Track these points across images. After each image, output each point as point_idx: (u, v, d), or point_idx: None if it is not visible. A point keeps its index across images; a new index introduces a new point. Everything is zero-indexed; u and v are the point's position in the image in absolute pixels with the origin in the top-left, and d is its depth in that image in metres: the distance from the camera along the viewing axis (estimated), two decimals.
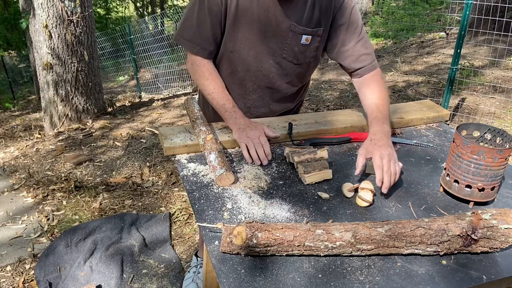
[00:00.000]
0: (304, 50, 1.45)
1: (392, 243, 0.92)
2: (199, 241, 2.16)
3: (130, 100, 6.45)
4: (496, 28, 4.72)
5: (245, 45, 1.44)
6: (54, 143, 4.37)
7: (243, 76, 1.51)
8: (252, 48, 1.44)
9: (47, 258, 2.35)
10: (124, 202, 2.99)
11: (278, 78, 1.52)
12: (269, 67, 1.48)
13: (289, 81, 1.55)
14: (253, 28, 1.40)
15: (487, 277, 0.89)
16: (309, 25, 1.39)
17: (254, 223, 0.94)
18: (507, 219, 0.93)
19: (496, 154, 1.05)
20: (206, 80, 1.45)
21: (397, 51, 7.58)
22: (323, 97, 5.47)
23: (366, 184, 1.12)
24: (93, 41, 4.89)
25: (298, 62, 1.49)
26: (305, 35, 1.40)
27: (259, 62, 1.47)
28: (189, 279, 2.07)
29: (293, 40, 1.42)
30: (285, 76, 1.52)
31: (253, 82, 1.53)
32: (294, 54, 1.46)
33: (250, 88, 1.55)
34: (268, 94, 1.57)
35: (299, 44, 1.42)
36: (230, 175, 1.19)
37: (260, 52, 1.45)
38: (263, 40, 1.42)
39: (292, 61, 1.47)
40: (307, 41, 1.42)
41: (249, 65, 1.48)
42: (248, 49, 1.45)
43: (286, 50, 1.44)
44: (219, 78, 1.47)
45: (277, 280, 0.87)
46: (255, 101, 1.58)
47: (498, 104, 4.46)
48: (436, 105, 1.73)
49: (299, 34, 1.40)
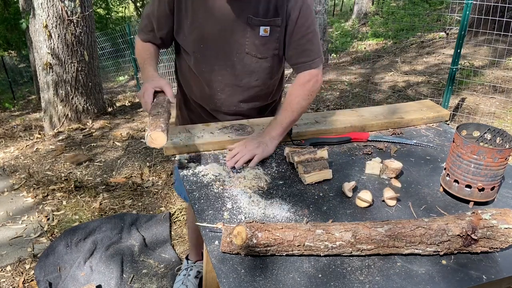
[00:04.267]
0: (265, 42, 1.42)
1: (392, 243, 0.92)
2: (190, 244, 2.17)
3: (130, 100, 6.45)
4: (496, 28, 4.72)
5: (206, 44, 1.43)
6: (54, 143, 4.37)
7: (208, 76, 1.50)
8: (213, 46, 1.43)
9: (47, 258, 2.35)
10: (124, 202, 2.99)
11: (245, 76, 1.50)
12: (233, 64, 1.46)
13: (257, 78, 1.52)
14: (212, 26, 1.40)
15: (487, 277, 0.89)
16: (266, 15, 1.38)
17: (254, 223, 0.94)
18: (507, 219, 0.93)
19: (496, 154, 1.05)
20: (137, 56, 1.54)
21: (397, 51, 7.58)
22: (323, 97, 5.47)
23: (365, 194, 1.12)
24: (93, 41, 4.89)
25: (262, 56, 1.45)
26: (262, 26, 1.39)
27: (223, 60, 1.46)
28: (179, 282, 2.08)
29: (252, 33, 1.40)
30: (251, 72, 1.49)
31: (220, 81, 1.50)
32: (256, 48, 1.43)
33: (218, 88, 1.52)
34: (237, 93, 1.53)
35: (258, 36, 1.40)
36: (156, 134, 1.09)
37: (222, 49, 1.44)
38: (223, 37, 1.41)
39: (255, 55, 1.45)
40: (266, 32, 1.40)
41: (213, 65, 1.47)
42: (209, 48, 1.44)
43: (248, 45, 1.42)
44: (146, 50, 1.52)
45: (277, 280, 0.87)
46: (225, 100, 1.56)
47: (498, 104, 4.46)
48: (436, 105, 1.73)
49: (257, 26, 1.38)
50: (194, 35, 1.43)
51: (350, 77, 6.22)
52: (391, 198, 1.12)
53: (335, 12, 16.15)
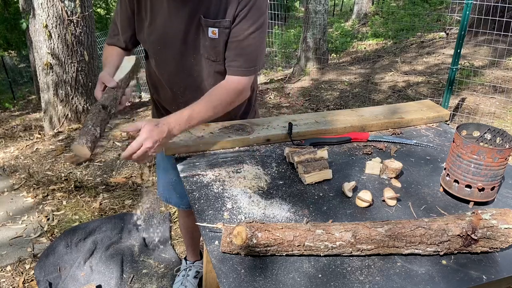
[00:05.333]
0: (215, 44, 1.36)
1: (392, 243, 0.92)
2: (185, 246, 2.17)
3: (130, 100, 6.45)
4: (496, 28, 4.72)
5: (164, 46, 1.41)
6: (54, 143, 4.37)
7: (168, 79, 1.49)
8: (171, 48, 1.41)
9: (47, 258, 2.35)
10: (124, 202, 2.99)
11: (203, 79, 1.46)
12: (191, 66, 1.43)
13: (214, 82, 1.44)
14: (168, 28, 1.37)
15: (487, 277, 0.89)
16: (216, 17, 1.32)
17: (254, 223, 0.94)
18: (507, 219, 0.93)
19: (496, 154, 1.05)
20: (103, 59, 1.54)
21: (397, 51, 7.58)
22: (323, 97, 5.47)
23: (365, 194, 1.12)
24: (93, 41, 4.89)
25: (214, 59, 1.40)
26: (210, 27, 1.33)
27: (181, 62, 1.43)
28: (178, 283, 2.08)
29: (203, 34, 1.36)
30: (208, 75, 1.45)
31: (179, 84, 1.48)
32: (207, 50, 1.38)
33: (178, 92, 1.50)
34: (198, 96, 1.39)
35: (207, 38, 1.35)
36: (78, 148, 1.04)
37: (179, 52, 1.41)
38: (179, 38, 1.38)
39: (208, 57, 1.40)
40: (214, 34, 1.34)
41: (172, 67, 1.45)
42: (167, 50, 1.42)
43: (203, 47, 1.38)
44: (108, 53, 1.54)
45: (277, 280, 0.87)
46: (187, 104, 1.44)
47: (498, 104, 4.46)
48: (436, 105, 1.73)
49: (205, 27, 1.34)
50: (153, 37, 1.42)
51: (350, 77, 6.22)
52: (391, 198, 1.12)
53: (335, 12, 16.16)
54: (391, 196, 1.12)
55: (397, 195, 1.12)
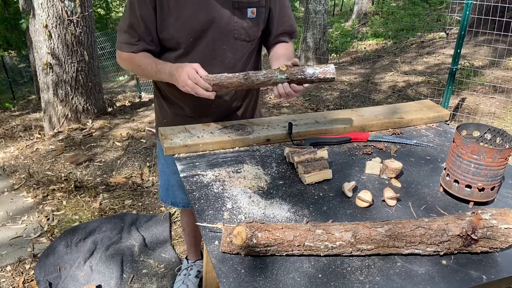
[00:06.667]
0: (253, 24, 1.46)
1: (392, 243, 0.92)
2: (187, 245, 2.17)
3: (130, 100, 6.45)
4: (496, 28, 4.72)
5: (196, 37, 1.42)
6: (54, 143, 4.37)
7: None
8: (204, 38, 1.43)
9: (47, 258, 2.35)
10: (124, 202, 2.99)
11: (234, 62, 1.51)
12: (224, 53, 1.47)
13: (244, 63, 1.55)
14: (200, 18, 1.39)
15: (487, 277, 0.89)
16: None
17: (254, 223, 0.94)
18: (507, 219, 0.93)
19: (496, 154, 1.05)
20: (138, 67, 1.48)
21: (397, 51, 7.58)
22: (323, 97, 5.48)
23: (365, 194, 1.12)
24: (93, 41, 4.89)
25: (250, 38, 1.49)
26: (249, 8, 1.42)
27: (213, 49, 1.45)
28: (179, 282, 2.08)
29: (240, 17, 1.42)
30: (240, 58, 1.52)
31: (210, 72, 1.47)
32: (245, 31, 1.45)
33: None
34: None
35: (246, 19, 1.43)
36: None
37: (211, 39, 1.43)
38: (213, 26, 1.41)
39: (244, 39, 1.47)
40: (253, 13, 1.44)
41: (204, 55, 1.45)
42: (201, 40, 1.43)
43: (236, 29, 1.44)
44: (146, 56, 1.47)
45: (277, 280, 0.87)
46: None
47: (498, 104, 4.46)
48: (436, 105, 1.73)
49: (244, 9, 1.41)
50: (182, 31, 1.42)
51: (350, 77, 6.22)
52: (391, 198, 1.12)
53: (335, 12, 16.16)
54: (391, 196, 1.12)
55: (397, 195, 1.12)
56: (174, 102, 1.61)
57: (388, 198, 1.12)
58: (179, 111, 1.61)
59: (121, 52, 1.51)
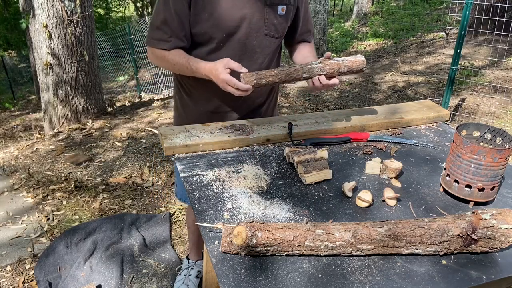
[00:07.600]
0: (282, 21, 1.52)
1: (392, 243, 0.92)
2: (190, 244, 2.17)
3: (130, 100, 6.45)
4: (496, 28, 4.72)
5: (228, 33, 1.45)
6: (54, 143, 4.37)
7: None
8: (236, 34, 1.46)
9: (47, 258, 2.35)
10: (124, 202, 2.99)
11: (261, 58, 1.55)
12: (253, 48, 1.51)
13: (270, 59, 1.60)
14: (233, 14, 1.42)
15: (487, 277, 0.89)
16: None
17: (254, 223, 0.94)
18: (507, 219, 0.93)
19: (496, 154, 1.05)
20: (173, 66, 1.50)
21: (397, 51, 7.58)
22: (323, 97, 5.48)
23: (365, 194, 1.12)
24: (93, 41, 4.88)
25: (278, 35, 1.54)
26: (280, 5, 1.48)
27: (244, 45, 1.49)
28: (180, 281, 2.08)
29: (272, 13, 1.46)
30: (267, 54, 1.57)
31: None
32: (275, 28, 1.51)
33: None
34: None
35: (276, 16, 1.48)
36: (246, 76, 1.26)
37: (243, 35, 1.47)
38: (245, 22, 1.44)
39: (273, 35, 1.52)
40: (283, 11, 1.49)
41: (236, 51, 1.49)
42: (233, 36, 1.46)
43: (267, 26, 1.48)
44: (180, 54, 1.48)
45: (277, 280, 0.87)
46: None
47: (498, 104, 4.46)
48: (436, 105, 1.73)
49: (276, 6, 1.46)
50: (216, 26, 1.44)
51: (350, 77, 6.22)
52: (391, 198, 1.12)
53: (335, 12, 16.15)
54: (391, 196, 1.12)
55: (397, 195, 1.12)
56: (198, 99, 1.63)
57: (388, 198, 1.12)
58: (204, 107, 1.64)
59: (154, 49, 1.51)
